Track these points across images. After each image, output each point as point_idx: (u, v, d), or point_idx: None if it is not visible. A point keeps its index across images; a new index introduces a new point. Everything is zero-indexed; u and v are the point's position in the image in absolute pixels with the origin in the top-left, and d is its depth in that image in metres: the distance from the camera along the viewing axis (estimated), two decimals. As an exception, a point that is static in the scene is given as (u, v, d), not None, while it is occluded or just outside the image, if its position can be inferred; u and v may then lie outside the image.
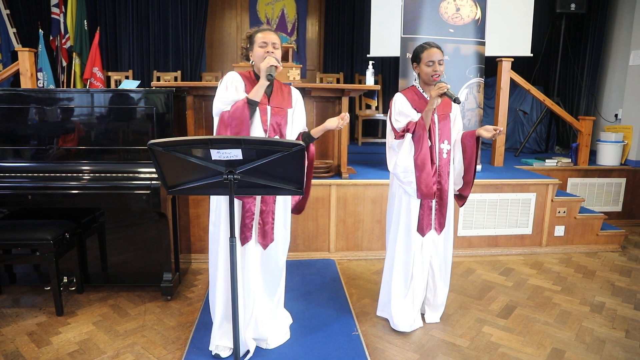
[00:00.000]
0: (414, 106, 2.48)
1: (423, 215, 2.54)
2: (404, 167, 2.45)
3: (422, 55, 2.44)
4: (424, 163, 2.42)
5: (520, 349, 2.48)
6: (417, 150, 2.42)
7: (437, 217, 2.59)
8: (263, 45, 2.18)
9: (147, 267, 3.07)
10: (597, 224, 4.05)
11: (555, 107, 4.86)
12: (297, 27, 6.88)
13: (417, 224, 2.55)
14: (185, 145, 1.61)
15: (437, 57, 2.41)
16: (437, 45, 2.46)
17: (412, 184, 2.46)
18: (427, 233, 2.57)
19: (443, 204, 2.57)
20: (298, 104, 2.36)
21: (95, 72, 5.81)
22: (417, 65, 2.49)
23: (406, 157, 2.44)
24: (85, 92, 2.86)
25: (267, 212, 2.28)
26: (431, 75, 2.42)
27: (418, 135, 2.41)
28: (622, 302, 3.07)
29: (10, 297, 2.95)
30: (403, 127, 2.45)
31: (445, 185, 2.54)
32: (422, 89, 2.53)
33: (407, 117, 2.45)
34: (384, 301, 2.74)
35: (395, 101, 2.50)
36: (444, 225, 2.61)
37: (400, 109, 2.47)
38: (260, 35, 2.20)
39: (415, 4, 3.96)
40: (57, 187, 2.73)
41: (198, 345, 2.39)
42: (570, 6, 5.37)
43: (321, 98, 3.79)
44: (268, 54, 2.16)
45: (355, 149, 5.58)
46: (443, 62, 2.44)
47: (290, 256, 3.61)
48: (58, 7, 5.77)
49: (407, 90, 2.56)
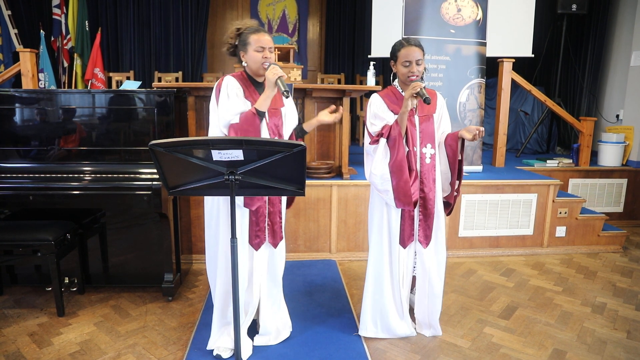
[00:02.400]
0: (391, 108, 2.30)
1: (405, 226, 2.36)
2: (379, 174, 2.26)
3: (399, 54, 2.26)
4: (400, 170, 2.21)
5: (521, 349, 2.48)
6: (392, 155, 2.22)
7: (422, 229, 2.38)
8: (260, 50, 2.12)
9: (148, 268, 3.07)
10: (598, 224, 4.04)
11: (556, 108, 4.86)
12: (298, 28, 6.89)
13: (399, 235, 2.37)
14: (186, 146, 1.61)
15: (415, 56, 2.22)
16: (418, 43, 2.27)
17: (389, 193, 2.26)
18: (408, 244, 2.39)
19: (428, 213, 2.35)
20: (288, 99, 2.33)
21: (97, 72, 5.82)
22: (394, 63, 2.31)
23: (381, 163, 2.25)
24: (86, 92, 2.87)
25: (274, 212, 2.29)
26: (407, 76, 2.24)
27: (393, 139, 2.21)
28: (624, 302, 3.06)
29: (11, 298, 2.95)
30: (378, 131, 2.27)
31: (430, 194, 2.33)
32: (401, 88, 2.35)
33: (382, 120, 2.28)
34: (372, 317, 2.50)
35: (371, 103, 2.33)
36: (430, 237, 2.39)
37: (375, 112, 2.30)
38: (255, 38, 2.12)
39: (416, 4, 3.96)
40: (58, 188, 2.74)
41: (199, 346, 2.39)
42: (572, 7, 5.36)
43: (322, 99, 3.79)
44: (266, 59, 2.12)
45: (357, 150, 5.58)
46: (422, 62, 2.25)
47: (291, 257, 3.62)
48: (59, 8, 5.78)
49: (386, 90, 2.38)
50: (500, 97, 4.54)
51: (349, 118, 4.22)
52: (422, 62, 2.26)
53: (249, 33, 2.15)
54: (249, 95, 2.16)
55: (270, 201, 2.27)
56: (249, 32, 2.15)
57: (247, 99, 2.15)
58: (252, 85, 2.21)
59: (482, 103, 4.23)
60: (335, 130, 3.87)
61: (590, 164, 4.85)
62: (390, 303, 2.47)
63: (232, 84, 2.14)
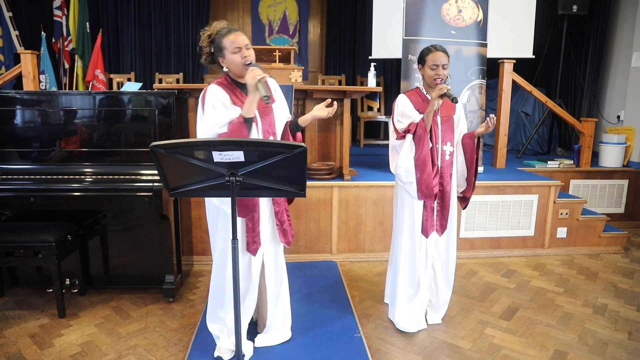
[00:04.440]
0: (417, 108, 2.49)
1: (427, 217, 2.55)
2: (405, 167, 2.46)
3: (427, 58, 2.45)
4: (424, 164, 2.41)
5: (522, 350, 2.47)
6: (417, 151, 2.42)
7: (439, 219, 2.59)
8: (237, 51, 2.02)
9: (149, 269, 3.07)
10: (599, 225, 4.04)
11: (557, 109, 4.86)
12: (299, 29, 6.89)
13: (421, 225, 2.55)
14: (187, 147, 1.61)
15: (441, 60, 2.41)
16: (444, 49, 2.46)
17: (412, 185, 2.46)
18: (430, 234, 2.57)
19: (445, 205, 2.56)
20: (277, 93, 2.28)
21: (98, 74, 5.84)
22: (422, 67, 2.49)
23: (407, 157, 2.45)
24: (87, 94, 2.87)
25: (281, 211, 2.30)
26: (434, 78, 2.43)
27: (419, 136, 2.40)
28: (625, 303, 3.06)
29: (12, 299, 2.95)
30: (405, 128, 2.45)
31: (447, 187, 2.54)
32: (425, 90, 2.54)
33: (409, 119, 2.46)
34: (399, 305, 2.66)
35: (398, 102, 2.51)
36: (446, 226, 2.61)
37: (402, 110, 2.48)
38: (229, 40, 2.02)
39: (417, 5, 3.96)
40: (59, 190, 2.74)
41: (200, 347, 2.39)
42: (572, 8, 5.36)
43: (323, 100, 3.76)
44: (246, 58, 2.02)
45: (357, 151, 5.58)
46: (447, 67, 2.44)
47: (292, 258, 3.62)
48: (60, 10, 5.80)
49: (411, 91, 2.57)
50: (501, 98, 4.54)
51: (350, 119, 4.23)
52: (447, 66, 2.45)
53: (222, 37, 2.05)
54: (236, 100, 2.08)
55: (275, 201, 2.26)
56: (221, 36, 2.05)
57: (236, 104, 2.07)
58: (238, 87, 2.12)
59: (483, 104, 4.23)
60: (336, 131, 3.87)
61: (591, 165, 4.85)
62: (404, 289, 2.61)
63: (217, 93, 2.05)
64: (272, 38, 6.90)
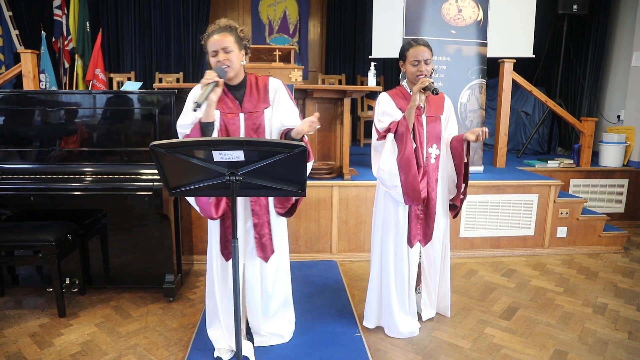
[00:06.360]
0: (399, 106, 2.34)
1: (411, 225, 2.39)
2: (387, 170, 2.27)
3: (407, 54, 2.30)
4: (408, 165, 2.22)
5: (522, 350, 2.47)
6: (400, 151, 2.25)
7: (422, 228, 2.43)
8: (213, 54, 1.99)
9: (149, 269, 3.07)
10: (599, 225, 4.04)
11: (557, 108, 4.86)
12: (299, 29, 6.89)
13: (407, 235, 2.40)
14: (187, 147, 1.61)
15: (423, 55, 2.26)
16: (426, 42, 2.31)
17: (397, 188, 2.28)
18: (415, 243, 2.43)
19: (429, 213, 2.40)
20: (278, 95, 2.16)
21: (98, 73, 5.83)
22: (403, 63, 2.35)
23: (389, 159, 2.27)
24: (87, 93, 2.87)
25: (260, 224, 2.21)
26: (416, 75, 2.28)
27: (400, 134, 2.23)
28: (625, 303, 3.06)
29: (12, 299, 2.95)
30: (386, 127, 2.30)
31: (433, 193, 2.37)
32: (409, 88, 2.40)
33: (390, 117, 2.31)
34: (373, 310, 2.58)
35: (379, 101, 2.38)
36: (430, 237, 2.45)
37: (384, 109, 2.34)
38: (208, 44, 2.01)
39: (417, 5, 3.96)
40: (60, 189, 2.74)
41: (200, 347, 2.39)
42: (572, 7, 5.36)
43: (323, 99, 3.79)
44: (220, 63, 1.98)
45: (357, 150, 5.59)
46: (430, 62, 2.29)
47: (292, 257, 3.61)
48: (60, 9, 5.79)
49: (394, 90, 2.42)
50: (501, 98, 4.54)
51: (350, 119, 4.23)
52: (430, 61, 2.30)
53: (205, 40, 2.04)
54: (219, 101, 2.05)
55: (255, 212, 2.19)
56: (205, 40, 2.04)
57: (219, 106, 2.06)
58: (226, 86, 2.09)
59: (483, 104, 4.23)
60: (336, 130, 3.87)
61: (591, 165, 4.85)
62: (395, 301, 2.49)
63: (192, 94, 2.06)
64: (272, 37, 6.90)
